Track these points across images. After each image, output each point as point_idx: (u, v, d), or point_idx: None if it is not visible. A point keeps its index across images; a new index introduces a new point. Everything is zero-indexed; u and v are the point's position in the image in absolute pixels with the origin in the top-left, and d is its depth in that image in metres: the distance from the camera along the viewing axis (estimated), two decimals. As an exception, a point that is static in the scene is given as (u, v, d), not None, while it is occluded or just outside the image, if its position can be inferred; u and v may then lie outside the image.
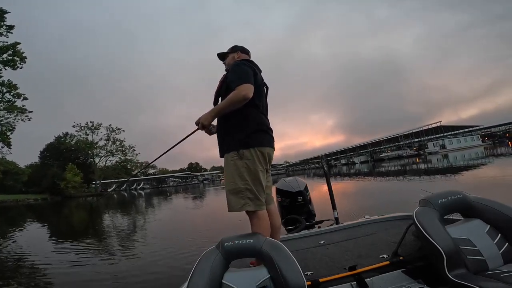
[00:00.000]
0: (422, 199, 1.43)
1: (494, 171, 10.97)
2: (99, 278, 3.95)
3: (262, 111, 1.83)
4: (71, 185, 44.78)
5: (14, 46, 20.51)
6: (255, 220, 1.64)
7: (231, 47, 2.07)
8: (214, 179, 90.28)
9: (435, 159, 28.30)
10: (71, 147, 55.30)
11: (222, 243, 1.28)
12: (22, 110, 24.69)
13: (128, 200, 27.31)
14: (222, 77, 1.91)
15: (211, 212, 11.07)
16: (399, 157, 49.22)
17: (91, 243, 6.69)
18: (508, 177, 8.59)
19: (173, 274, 3.70)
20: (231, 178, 1.67)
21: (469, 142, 46.12)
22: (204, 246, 4.53)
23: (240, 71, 1.70)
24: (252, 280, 1.15)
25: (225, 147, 1.78)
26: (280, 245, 1.25)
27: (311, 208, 3.22)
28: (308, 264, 1.71)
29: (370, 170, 26.57)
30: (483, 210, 1.30)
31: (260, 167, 1.68)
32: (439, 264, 1.15)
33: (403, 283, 1.32)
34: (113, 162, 61.74)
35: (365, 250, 1.80)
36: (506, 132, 55.69)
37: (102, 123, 56.88)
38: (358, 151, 74.40)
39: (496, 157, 17.91)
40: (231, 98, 1.61)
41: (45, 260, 5.15)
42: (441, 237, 1.19)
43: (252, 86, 1.65)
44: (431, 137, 56.18)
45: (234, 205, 1.64)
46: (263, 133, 1.75)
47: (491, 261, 1.17)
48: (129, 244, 6.27)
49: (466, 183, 8.61)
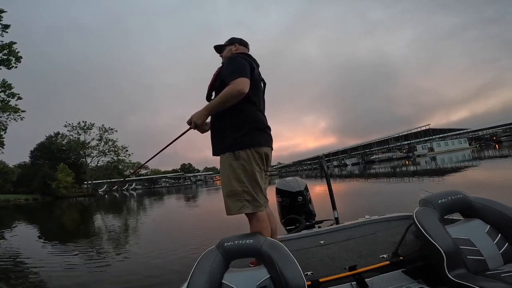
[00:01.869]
0: (422, 199, 1.43)
1: (475, 172, 11.66)
2: (94, 280, 3.89)
3: (259, 108, 1.75)
4: (62, 185, 44.26)
5: (10, 46, 20.48)
6: (254, 222, 1.60)
7: (229, 38, 1.99)
8: (207, 180, 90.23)
9: (423, 161, 29.14)
10: (62, 147, 54.73)
11: (222, 243, 1.27)
12: (16, 110, 24.51)
13: (120, 200, 26.98)
14: (217, 70, 1.82)
15: (204, 213, 11.30)
16: (389, 159, 50.42)
17: (88, 244, 6.61)
18: (486, 178, 9.21)
19: (166, 276, 3.67)
20: (227, 181, 1.61)
21: (456, 145, 47.47)
22: (197, 247, 4.74)
23: (235, 64, 1.61)
24: (252, 280, 1.16)
25: (219, 146, 1.71)
26: (280, 245, 1.26)
27: (311, 208, 3.21)
28: (308, 264, 1.72)
29: (361, 172, 27.14)
30: (483, 210, 1.31)
31: (257, 168, 1.62)
32: (439, 264, 1.15)
33: (403, 283, 1.33)
34: (104, 163, 61.37)
35: (365, 250, 1.80)
36: (493, 135, 56.91)
37: (94, 123, 56.45)
38: (350, 153, 75.52)
39: (480, 159, 18.64)
40: (225, 94, 1.54)
41: (39, 263, 5.01)
42: (441, 237, 1.19)
43: (248, 81, 1.57)
44: (420, 139, 57.74)
45: (232, 208, 1.60)
46: (260, 132, 1.68)
47: (491, 261, 1.17)
48: (121, 245, 6.21)
49: (451, 183, 9.17)
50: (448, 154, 34.69)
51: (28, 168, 51.69)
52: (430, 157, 35.55)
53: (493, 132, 58.60)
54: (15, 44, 20.87)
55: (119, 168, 62.43)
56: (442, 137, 58.23)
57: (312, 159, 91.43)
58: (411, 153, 50.07)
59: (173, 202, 19.24)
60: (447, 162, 21.32)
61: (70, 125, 54.75)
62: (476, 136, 61.10)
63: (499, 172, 10.97)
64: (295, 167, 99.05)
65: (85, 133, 55.60)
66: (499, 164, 14.15)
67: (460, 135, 58.90)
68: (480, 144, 51.82)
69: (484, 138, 58.31)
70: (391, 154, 54.87)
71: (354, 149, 75.39)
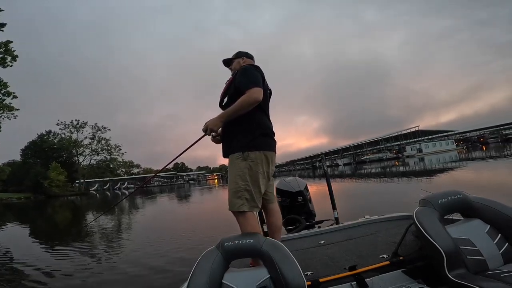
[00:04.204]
0: (422, 199, 1.43)
1: (459, 172, 12.45)
2: (94, 280, 3.87)
3: (267, 114, 1.88)
4: (55, 184, 43.92)
5: (6, 45, 20.47)
6: (241, 219, 1.66)
7: (236, 53, 2.11)
8: (200, 179, 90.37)
9: (412, 162, 30.18)
10: (54, 145, 54.15)
11: (222, 243, 1.28)
12: (10, 108, 24.39)
13: (111, 200, 26.59)
14: (229, 79, 1.95)
15: (202, 212, 11.64)
16: (379, 159, 51.84)
17: (86, 244, 6.56)
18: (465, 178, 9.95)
19: (166, 276, 3.69)
20: (233, 178, 1.71)
21: (444, 146, 48.94)
22: (197, 247, 4.75)
23: (250, 74, 1.75)
24: (252, 280, 1.16)
25: (230, 148, 1.80)
26: (280, 245, 1.26)
27: (311, 208, 3.22)
28: (308, 264, 1.73)
29: (353, 172, 27.87)
30: (483, 210, 1.31)
31: (261, 170, 1.71)
32: (439, 264, 1.15)
33: (403, 283, 1.33)
34: (96, 161, 60.95)
35: (365, 250, 1.81)
36: (480, 136, 57.92)
37: (87, 122, 55.98)
38: (342, 153, 76.69)
39: (465, 161, 19.54)
40: (242, 102, 1.65)
41: (37, 263, 4.94)
42: (441, 237, 1.19)
43: (262, 90, 1.69)
44: (409, 141, 59.05)
45: (233, 205, 1.67)
46: (267, 137, 1.79)
47: (491, 261, 1.18)
48: (121, 245, 6.18)
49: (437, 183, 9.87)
50: (435, 155, 35.89)
51: (19, 167, 50.99)
52: (419, 158, 36.74)
53: (480, 134, 59.74)
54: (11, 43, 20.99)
55: (110, 167, 62.02)
56: (430, 138, 59.68)
57: (304, 159, 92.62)
58: (400, 154, 51.51)
59: (169, 201, 19.55)
60: (434, 163, 22.20)
61: (63, 123, 54.11)
62: (464, 138, 62.29)
63: (478, 174, 11.72)
64: (288, 167, 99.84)
65: (77, 131, 55.10)
66: (481, 165, 14.91)
67: (448, 136, 60.34)
68: (467, 145, 53.01)
69: (471, 139, 59.33)
70: (381, 154, 56.43)
71: (346, 149, 76.61)
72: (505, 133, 52.31)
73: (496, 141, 49.92)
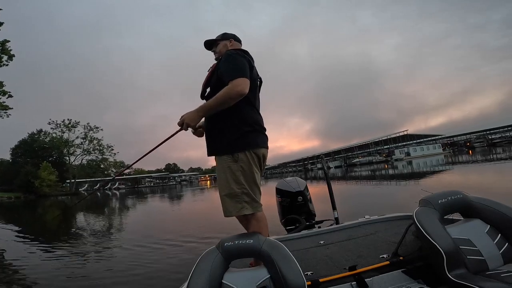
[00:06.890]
0: (422, 199, 1.43)
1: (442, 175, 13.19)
2: (94, 281, 3.79)
3: (256, 108, 1.70)
4: (46, 183, 43.47)
5: (3, 44, 20.50)
6: (254, 222, 1.59)
7: (221, 33, 1.87)
8: (192, 180, 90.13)
9: (400, 165, 31.23)
10: (45, 144, 53.54)
11: (222, 243, 1.27)
12: (5, 107, 24.27)
13: (102, 200, 25.84)
14: (212, 67, 1.74)
15: (200, 212, 11.89)
16: (369, 162, 53.03)
17: (84, 245, 6.37)
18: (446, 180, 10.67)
19: (166, 276, 3.67)
20: (225, 183, 1.58)
21: (431, 150, 50.53)
22: (196, 247, 4.73)
23: (235, 62, 1.53)
24: (252, 280, 1.16)
25: (216, 147, 1.65)
26: (280, 245, 1.25)
27: (311, 208, 3.20)
28: (308, 264, 1.71)
29: (344, 174, 28.47)
30: (483, 210, 1.31)
31: (255, 169, 1.60)
32: (439, 264, 1.15)
33: (403, 283, 1.32)
34: (87, 161, 60.35)
35: (365, 250, 1.80)
36: (467, 141, 59.35)
37: (80, 121, 55.48)
38: (333, 156, 77.95)
39: (450, 164, 20.31)
40: (224, 95, 1.46)
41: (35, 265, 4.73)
42: (441, 237, 1.19)
43: (248, 81, 1.50)
44: (398, 144, 60.81)
45: (231, 210, 1.57)
46: (257, 133, 1.63)
47: (491, 261, 1.18)
48: (120, 246, 5.96)
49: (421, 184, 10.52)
50: (422, 159, 37.00)
51: (7, 166, 50.22)
52: (407, 161, 37.97)
53: (467, 138, 61.33)
54: (8, 43, 21.02)
55: (101, 167, 61.43)
56: (418, 142, 61.41)
57: (297, 161, 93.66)
58: (389, 157, 52.83)
59: (162, 201, 19.67)
60: (422, 166, 23.06)
61: (54, 122, 53.47)
62: (451, 142, 63.97)
63: (460, 176, 12.48)
64: (280, 169, 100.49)
65: (69, 131, 54.56)
66: (465, 168, 15.70)
67: (436, 140, 62.26)
68: (453, 149, 54.54)
69: (458, 144, 60.98)
70: (371, 158, 57.67)
71: (337, 152, 78.01)
72: (491, 137, 54.02)
73: (482, 145, 51.30)
